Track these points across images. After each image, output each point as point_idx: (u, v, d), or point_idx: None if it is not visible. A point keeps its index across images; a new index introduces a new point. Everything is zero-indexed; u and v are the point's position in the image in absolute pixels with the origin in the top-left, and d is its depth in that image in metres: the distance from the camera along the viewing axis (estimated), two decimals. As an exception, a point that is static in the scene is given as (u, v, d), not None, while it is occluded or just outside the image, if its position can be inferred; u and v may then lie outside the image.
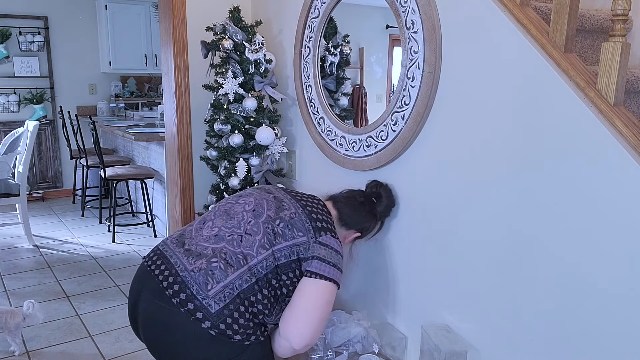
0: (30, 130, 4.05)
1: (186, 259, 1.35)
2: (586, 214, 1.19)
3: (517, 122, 1.33)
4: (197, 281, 1.30)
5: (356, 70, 2.05)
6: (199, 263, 1.32)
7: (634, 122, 1.11)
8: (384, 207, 1.70)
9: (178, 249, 1.40)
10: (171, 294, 1.29)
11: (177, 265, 1.34)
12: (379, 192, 1.71)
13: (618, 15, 1.14)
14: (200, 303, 1.27)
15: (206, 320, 1.26)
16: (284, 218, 1.40)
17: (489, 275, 1.44)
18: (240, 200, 1.49)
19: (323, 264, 1.37)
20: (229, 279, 1.30)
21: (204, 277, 1.30)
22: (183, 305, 1.28)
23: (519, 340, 1.38)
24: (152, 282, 1.35)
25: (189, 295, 1.28)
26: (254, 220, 1.40)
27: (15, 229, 4.48)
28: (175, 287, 1.30)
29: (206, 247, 1.36)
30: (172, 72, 2.47)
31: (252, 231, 1.38)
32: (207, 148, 2.26)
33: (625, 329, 1.13)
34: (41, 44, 5.49)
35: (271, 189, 1.55)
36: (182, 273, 1.32)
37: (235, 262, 1.33)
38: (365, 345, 1.76)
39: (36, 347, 2.62)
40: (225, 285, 1.29)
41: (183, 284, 1.30)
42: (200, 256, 1.34)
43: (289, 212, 1.42)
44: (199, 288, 1.29)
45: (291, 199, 1.48)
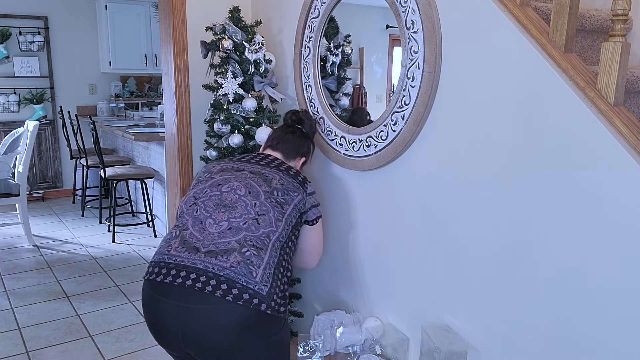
0: (30, 130, 4.05)
1: (215, 259, 1.40)
2: (586, 214, 1.19)
3: (517, 122, 1.33)
4: (242, 273, 1.38)
5: (356, 70, 2.05)
6: (233, 258, 1.40)
7: (634, 122, 1.11)
8: (308, 127, 1.91)
9: (195, 254, 1.41)
10: (222, 293, 1.35)
11: (211, 268, 1.38)
12: (299, 117, 1.90)
13: (618, 15, 1.14)
14: (253, 291, 1.37)
15: (262, 304, 1.37)
16: (277, 187, 1.58)
17: (489, 275, 1.44)
18: (224, 189, 1.56)
19: (315, 209, 1.67)
20: (265, 260, 1.43)
21: (245, 268, 1.39)
22: (239, 299, 1.35)
23: (519, 340, 1.37)
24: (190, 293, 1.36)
25: (240, 288, 1.36)
26: (257, 202, 1.52)
27: (15, 229, 4.48)
28: (223, 287, 1.36)
29: (229, 242, 1.43)
30: (172, 72, 2.47)
31: (263, 210, 1.50)
32: (207, 148, 2.26)
33: (625, 329, 1.13)
34: (41, 44, 5.49)
35: (234, 165, 1.66)
36: (222, 272, 1.38)
37: (262, 243, 1.45)
38: (365, 345, 1.76)
39: (36, 347, 2.62)
40: (264, 267, 1.42)
41: (230, 281, 1.37)
42: (229, 251, 1.41)
43: (276, 180, 1.60)
44: (246, 279, 1.38)
45: (262, 167, 1.65)
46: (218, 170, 1.65)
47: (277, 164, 1.69)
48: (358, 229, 1.95)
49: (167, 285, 1.39)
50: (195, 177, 1.74)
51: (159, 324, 1.43)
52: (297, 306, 2.28)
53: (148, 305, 1.46)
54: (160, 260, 1.45)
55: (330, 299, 2.14)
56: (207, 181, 1.62)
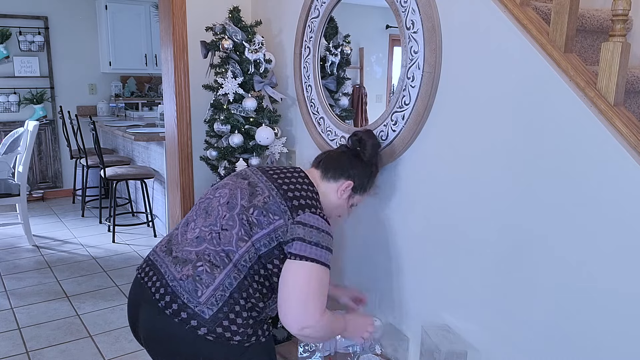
0: (30, 130, 4.05)
1: (174, 267, 1.33)
2: (586, 214, 1.19)
3: (517, 122, 1.33)
4: (187, 289, 1.28)
5: (356, 70, 2.05)
6: (186, 270, 1.30)
7: (634, 122, 1.11)
8: (369, 148, 1.56)
9: (167, 257, 1.38)
10: (164, 305, 1.29)
11: (167, 275, 1.33)
12: (360, 137, 1.58)
13: (618, 15, 1.14)
14: (192, 311, 1.26)
15: (201, 327, 1.26)
16: (257, 205, 1.33)
17: (489, 275, 1.44)
18: (216, 194, 1.43)
19: (304, 244, 1.28)
20: (217, 281, 1.28)
21: (192, 285, 1.28)
22: (177, 316, 1.27)
23: (519, 340, 1.37)
24: (147, 295, 1.35)
25: (180, 305, 1.27)
26: (228, 214, 1.34)
27: (15, 229, 4.48)
28: (167, 298, 1.29)
29: (190, 252, 1.34)
30: (172, 72, 2.47)
31: (228, 225, 1.32)
32: (207, 148, 2.26)
33: (625, 329, 1.13)
34: (41, 44, 5.49)
35: (248, 173, 1.47)
36: (171, 283, 1.31)
37: (220, 261, 1.29)
38: (365, 345, 1.76)
39: (36, 347, 2.62)
40: (215, 288, 1.27)
41: (174, 294, 1.29)
42: (186, 262, 1.32)
43: (262, 197, 1.34)
44: (189, 296, 1.27)
45: (266, 181, 1.39)
46: (233, 175, 1.51)
47: (287, 181, 1.40)
48: (358, 228, 1.95)
49: (140, 282, 1.41)
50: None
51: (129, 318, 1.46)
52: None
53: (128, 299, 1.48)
54: (147, 256, 1.46)
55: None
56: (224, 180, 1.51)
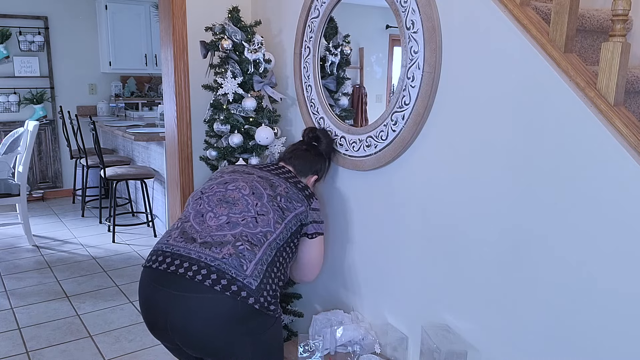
0: (30, 130, 4.05)
1: (209, 250, 1.43)
2: (586, 214, 1.18)
3: (517, 122, 1.33)
4: (233, 265, 1.41)
5: (356, 70, 2.05)
6: (226, 250, 1.43)
7: (634, 122, 1.11)
8: (325, 145, 1.90)
9: (191, 244, 1.46)
10: (211, 283, 1.37)
11: (204, 258, 1.42)
12: (316, 135, 1.90)
13: (618, 15, 1.14)
14: (242, 283, 1.39)
15: (250, 297, 1.39)
16: (282, 194, 1.62)
17: (489, 275, 1.44)
18: (230, 187, 1.61)
19: (317, 224, 1.69)
20: (257, 257, 1.45)
21: (237, 260, 1.41)
22: (227, 289, 1.37)
23: (519, 340, 1.37)
24: (184, 281, 1.39)
25: (229, 280, 1.39)
26: (259, 202, 1.56)
27: (15, 229, 4.48)
28: (213, 277, 1.38)
29: (225, 235, 1.47)
30: (172, 72, 2.47)
31: (263, 211, 1.54)
32: (206, 148, 2.26)
33: (625, 329, 1.13)
34: (41, 44, 5.49)
35: (246, 169, 1.72)
36: (213, 263, 1.40)
37: (257, 241, 1.48)
38: (365, 345, 1.76)
39: (36, 347, 2.62)
40: (256, 262, 1.44)
41: (220, 272, 1.39)
42: (223, 244, 1.44)
43: (281, 189, 1.64)
44: (236, 271, 1.40)
45: (273, 175, 1.69)
46: (229, 172, 1.71)
47: (287, 175, 1.72)
48: (358, 228, 1.95)
49: (162, 272, 1.43)
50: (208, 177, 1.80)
51: (150, 310, 1.47)
52: (297, 306, 2.28)
53: (142, 291, 1.49)
54: (159, 249, 1.50)
55: (330, 298, 2.14)
56: (216, 179, 1.69)
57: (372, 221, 1.87)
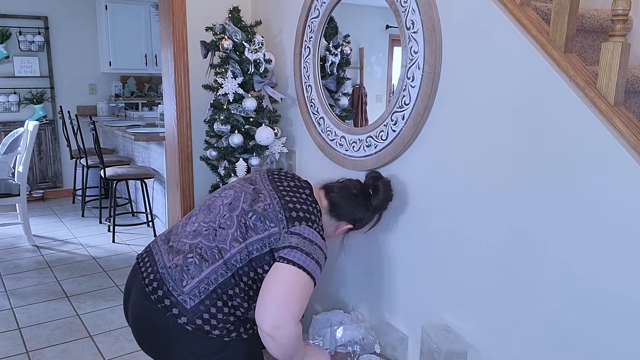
0: (30, 130, 4.05)
1: (167, 255, 1.39)
2: (586, 214, 1.18)
3: (517, 122, 1.33)
4: (173, 278, 1.33)
5: (356, 70, 2.05)
6: (177, 259, 1.36)
7: (634, 122, 1.11)
8: (380, 200, 1.61)
9: (164, 246, 1.44)
10: (150, 290, 1.34)
11: (159, 262, 1.39)
12: (377, 184, 1.62)
13: (618, 15, 1.14)
14: (175, 299, 1.31)
15: (182, 316, 1.30)
16: (257, 210, 1.37)
17: (489, 275, 1.44)
18: (222, 194, 1.49)
19: (294, 251, 1.30)
20: (203, 274, 1.32)
21: (179, 274, 1.33)
22: (160, 302, 1.32)
23: (519, 340, 1.37)
24: (138, 280, 1.41)
25: (165, 292, 1.32)
26: (228, 214, 1.40)
27: (15, 229, 4.48)
28: (154, 284, 1.35)
29: (185, 243, 1.39)
30: (172, 72, 2.47)
31: (226, 225, 1.38)
32: (207, 148, 2.26)
33: (625, 329, 1.13)
34: (41, 44, 5.49)
35: (256, 178, 1.52)
36: (161, 270, 1.36)
37: (210, 256, 1.34)
38: (365, 345, 1.76)
39: (36, 347, 2.62)
40: (200, 281, 1.31)
41: (161, 281, 1.34)
42: (179, 252, 1.37)
43: (263, 204, 1.39)
44: (174, 284, 1.32)
45: (271, 190, 1.43)
46: (244, 177, 1.57)
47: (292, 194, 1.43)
48: (358, 229, 1.95)
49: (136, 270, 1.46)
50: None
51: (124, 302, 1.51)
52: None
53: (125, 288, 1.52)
54: (148, 246, 1.52)
55: (330, 298, 2.14)
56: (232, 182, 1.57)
57: (372, 221, 1.87)
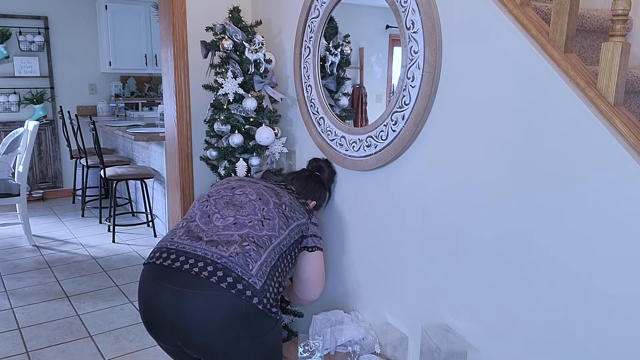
0: (30, 130, 4.05)
1: (215, 248, 1.44)
2: (586, 214, 1.18)
3: (517, 122, 1.33)
4: (239, 264, 1.42)
5: (356, 70, 2.05)
6: (233, 249, 1.44)
7: (634, 122, 1.11)
8: (327, 175, 1.97)
9: (198, 242, 1.47)
10: (217, 280, 1.38)
11: (210, 255, 1.43)
12: (319, 165, 1.98)
13: (618, 15, 1.14)
14: (247, 282, 1.40)
15: (255, 297, 1.39)
16: (287, 203, 1.66)
17: (489, 275, 1.44)
18: (237, 192, 1.65)
19: (316, 239, 1.71)
20: (263, 258, 1.47)
21: (243, 259, 1.43)
22: (232, 287, 1.38)
23: (519, 340, 1.37)
24: (189, 277, 1.38)
25: (235, 278, 1.39)
26: (266, 207, 1.60)
27: (15, 229, 4.48)
28: (219, 274, 1.39)
29: (232, 235, 1.49)
30: (172, 72, 2.47)
31: (270, 216, 1.58)
32: (207, 148, 2.26)
33: (625, 329, 1.13)
34: (41, 44, 5.49)
35: (251, 180, 1.76)
36: (220, 260, 1.41)
37: (263, 243, 1.50)
38: (365, 345, 1.76)
39: (36, 347, 2.62)
40: (261, 264, 1.45)
41: (226, 269, 1.40)
42: (230, 243, 1.46)
43: (286, 199, 1.68)
44: (242, 270, 1.41)
45: (280, 188, 1.73)
46: (236, 179, 1.77)
47: (290, 190, 1.76)
48: (358, 228, 1.95)
49: (165, 267, 1.42)
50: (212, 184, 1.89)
51: (151, 308, 1.44)
52: (297, 306, 2.28)
53: (143, 288, 1.47)
54: (163, 246, 1.50)
55: (330, 298, 2.14)
56: (222, 185, 1.73)
57: (372, 221, 1.87)
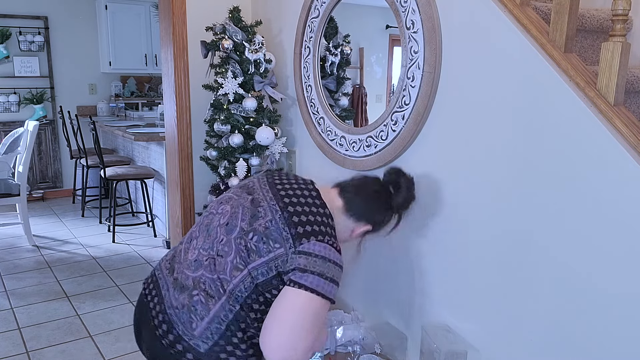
0: (30, 130, 4.05)
1: (173, 291, 1.28)
2: (586, 214, 1.18)
3: (517, 122, 1.33)
4: (182, 320, 1.22)
5: (356, 70, 2.05)
6: (182, 298, 1.24)
7: (634, 122, 1.11)
8: (402, 199, 1.42)
9: (169, 277, 1.32)
10: (161, 334, 1.25)
11: (166, 299, 1.28)
12: (398, 181, 1.43)
13: (618, 15, 1.14)
14: (187, 344, 1.21)
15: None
16: (258, 229, 1.22)
17: (489, 275, 1.44)
18: (219, 209, 1.33)
19: (305, 274, 1.16)
20: (212, 313, 1.20)
21: (187, 315, 1.22)
22: (172, 347, 1.22)
23: (519, 340, 1.37)
24: (148, 319, 1.31)
25: (176, 337, 1.22)
26: (225, 238, 1.25)
27: (15, 229, 4.48)
28: (164, 327, 1.25)
29: (188, 277, 1.26)
30: (172, 72, 2.47)
31: (224, 252, 1.23)
32: (207, 148, 2.26)
33: (625, 329, 1.13)
34: (41, 44, 5.49)
35: (255, 185, 1.35)
36: (169, 310, 1.26)
37: (215, 291, 1.21)
38: (365, 345, 1.76)
39: (36, 347, 2.62)
40: (210, 321, 1.20)
41: (170, 324, 1.24)
42: (183, 289, 1.25)
43: (263, 221, 1.23)
44: (184, 328, 1.22)
45: (271, 199, 1.27)
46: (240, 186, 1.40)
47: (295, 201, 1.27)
48: (358, 229, 1.95)
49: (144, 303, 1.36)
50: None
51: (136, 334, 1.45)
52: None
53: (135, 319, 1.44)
54: (153, 272, 1.41)
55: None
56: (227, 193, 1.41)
57: (372, 221, 1.87)
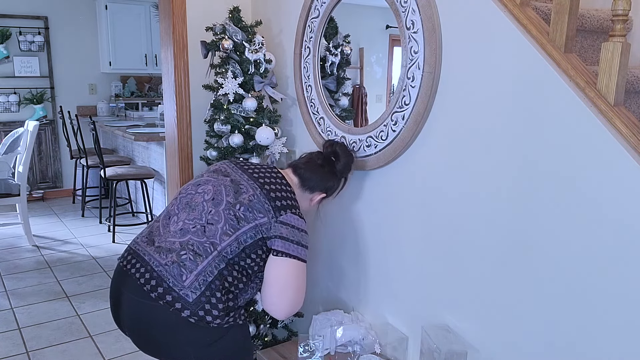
0: (30, 130, 4.06)
1: (158, 255, 1.42)
2: (586, 214, 1.19)
3: (517, 122, 1.33)
4: (172, 274, 1.37)
5: (356, 70, 2.05)
6: (170, 257, 1.40)
7: (634, 122, 1.11)
8: (342, 164, 1.71)
9: (149, 247, 1.46)
10: (149, 289, 1.37)
11: (151, 261, 1.41)
12: (335, 150, 1.72)
13: (618, 15, 1.14)
14: (177, 294, 1.35)
15: (185, 310, 1.35)
16: (243, 202, 1.45)
17: (489, 275, 1.44)
18: (199, 190, 1.52)
19: (287, 243, 1.43)
20: (200, 267, 1.38)
21: (177, 269, 1.37)
22: (162, 298, 1.35)
23: (519, 340, 1.38)
24: (131, 281, 1.42)
25: (166, 289, 1.36)
26: (214, 210, 1.45)
27: (15, 229, 4.48)
28: (152, 282, 1.38)
29: (174, 242, 1.43)
30: (172, 72, 2.47)
31: (214, 220, 1.43)
32: (207, 148, 2.26)
33: (625, 329, 1.13)
34: (41, 44, 5.49)
35: (228, 169, 1.57)
36: (157, 268, 1.39)
37: (203, 251, 1.40)
38: (365, 345, 1.76)
39: (36, 347, 2.62)
40: (198, 273, 1.37)
41: (159, 278, 1.37)
42: (170, 251, 1.41)
43: (247, 195, 1.46)
44: (174, 280, 1.36)
45: (249, 179, 1.51)
46: (211, 171, 1.61)
47: (269, 181, 1.52)
48: (358, 228, 1.95)
49: (122, 270, 1.48)
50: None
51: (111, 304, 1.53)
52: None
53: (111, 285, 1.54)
54: (129, 247, 1.54)
55: (330, 298, 2.14)
56: (196, 178, 1.61)
57: (372, 221, 1.87)
